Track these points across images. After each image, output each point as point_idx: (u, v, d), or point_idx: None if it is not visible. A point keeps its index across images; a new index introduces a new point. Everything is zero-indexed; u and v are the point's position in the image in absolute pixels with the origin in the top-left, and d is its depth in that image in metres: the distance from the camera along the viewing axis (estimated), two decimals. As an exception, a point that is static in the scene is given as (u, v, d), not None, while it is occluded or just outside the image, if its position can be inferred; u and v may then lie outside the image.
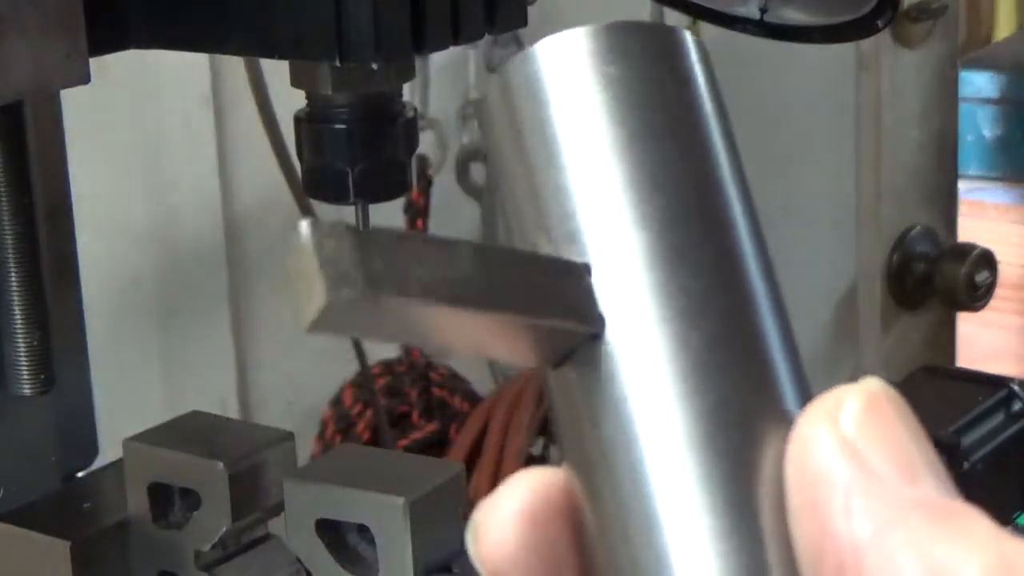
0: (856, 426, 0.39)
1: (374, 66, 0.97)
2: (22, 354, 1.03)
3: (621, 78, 0.43)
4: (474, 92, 2.22)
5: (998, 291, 2.37)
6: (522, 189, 0.43)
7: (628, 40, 0.44)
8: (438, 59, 2.05)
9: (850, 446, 0.39)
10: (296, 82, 1.04)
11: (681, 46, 0.44)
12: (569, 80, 0.43)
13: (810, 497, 0.39)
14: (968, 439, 1.33)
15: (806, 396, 0.42)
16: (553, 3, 2.17)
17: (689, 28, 2.04)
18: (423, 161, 2.06)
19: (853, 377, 0.41)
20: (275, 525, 1.06)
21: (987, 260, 2.34)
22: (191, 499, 1.03)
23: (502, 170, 0.44)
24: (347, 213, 1.03)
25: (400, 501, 0.96)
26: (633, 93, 0.43)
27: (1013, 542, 0.37)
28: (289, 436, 1.07)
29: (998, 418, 1.38)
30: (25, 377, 1.03)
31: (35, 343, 1.03)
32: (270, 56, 1.02)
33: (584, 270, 0.41)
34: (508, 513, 0.41)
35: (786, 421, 0.41)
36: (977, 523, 0.38)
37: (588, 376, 0.41)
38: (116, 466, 1.08)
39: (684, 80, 0.43)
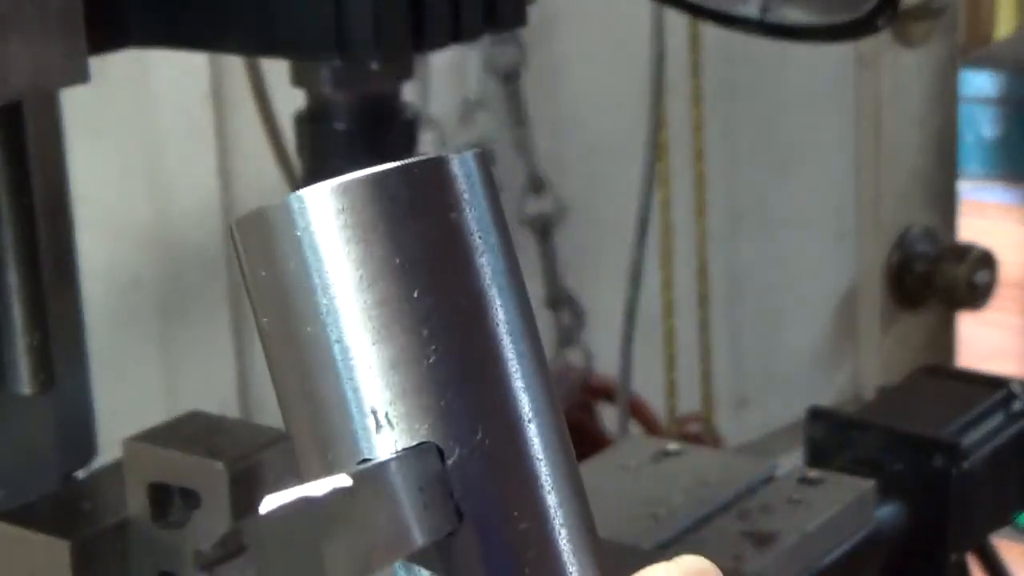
0: None
1: (374, 66, 0.97)
2: (22, 354, 1.03)
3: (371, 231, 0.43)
4: (474, 92, 2.22)
5: (998, 291, 2.37)
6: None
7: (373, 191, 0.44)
8: (438, 59, 2.05)
9: None
10: (296, 81, 1.04)
11: (449, 178, 0.44)
12: (322, 240, 0.43)
13: None
14: (968, 439, 1.33)
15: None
16: (553, 3, 2.18)
17: (690, 28, 2.02)
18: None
19: (853, 377, 0.41)
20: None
21: (987, 260, 2.35)
22: (191, 499, 1.03)
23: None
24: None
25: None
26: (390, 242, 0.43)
27: None
28: (289, 436, 1.07)
29: (998, 418, 1.38)
30: (25, 377, 1.03)
31: (35, 343, 1.03)
32: (270, 56, 1.02)
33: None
34: None
35: None
36: None
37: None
38: (116, 466, 1.08)
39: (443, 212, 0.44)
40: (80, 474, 1.16)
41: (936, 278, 2.34)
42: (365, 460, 0.42)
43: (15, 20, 0.90)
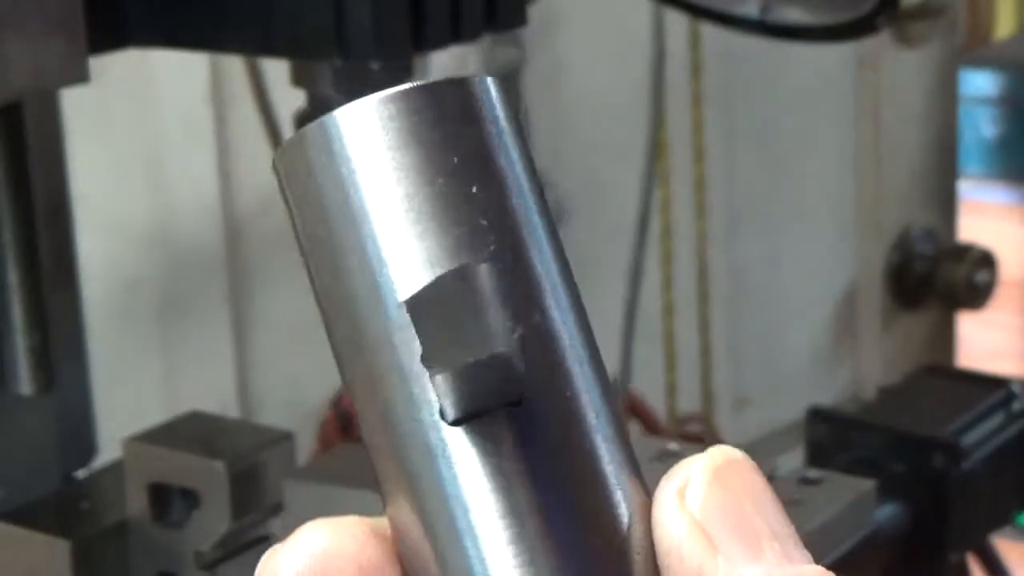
0: (702, 505, 0.41)
1: (374, 66, 0.97)
2: (22, 354, 1.03)
3: (418, 140, 0.44)
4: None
5: (998, 291, 2.37)
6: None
7: (419, 101, 0.44)
8: (438, 59, 2.05)
9: (696, 527, 0.41)
10: (296, 81, 1.04)
11: (476, 95, 0.45)
12: (369, 149, 0.43)
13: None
14: (968, 439, 1.33)
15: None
16: (553, 3, 2.18)
17: (690, 28, 2.02)
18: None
19: (853, 377, 0.41)
20: (275, 525, 1.06)
21: (987, 260, 2.35)
22: (191, 499, 1.03)
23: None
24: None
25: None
26: (440, 150, 0.43)
27: None
28: (289, 436, 1.07)
29: (998, 418, 1.38)
30: (25, 377, 1.03)
31: (35, 343, 1.03)
32: (270, 55, 1.02)
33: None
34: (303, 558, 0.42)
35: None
36: None
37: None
38: (116, 466, 1.08)
39: (485, 126, 0.44)
40: (80, 474, 1.16)
41: (936, 278, 2.34)
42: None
43: (15, 20, 0.90)
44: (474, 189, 0.43)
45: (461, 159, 0.43)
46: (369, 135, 0.43)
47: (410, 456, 0.42)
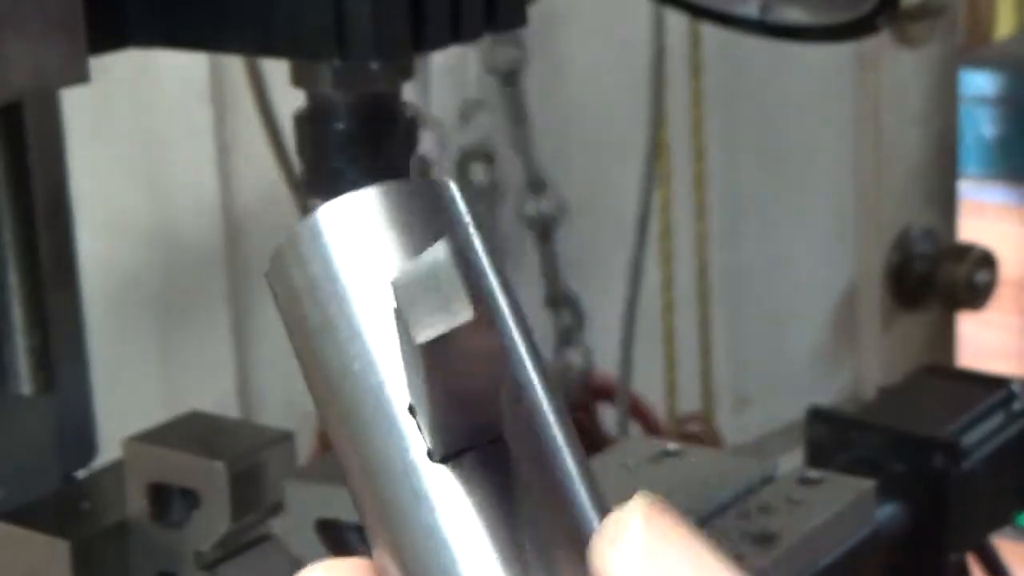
0: (644, 555, 0.41)
1: (374, 66, 0.97)
2: (22, 354, 1.03)
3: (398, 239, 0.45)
4: (474, 92, 2.22)
5: (998, 291, 2.37)
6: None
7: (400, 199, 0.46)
8: (438, 59, 2.05)
9: None
10: (296, 81, 1.04)
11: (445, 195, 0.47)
12: (353, 247, 0.45)
13: None
14: (968, 439, 1.33)
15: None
16: (553, 3, 2.17)
17: (690, 28, 2.03)
18: (423, 161, 2.06)
19: (853, 377, 0.41)
20: (275, 525, 1.06)
21: (987, 260, 2.35)
22: (191, 499, 1.03)
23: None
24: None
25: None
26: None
27: None
28: (289, 436, 1.07)
29: (998, 418, 1.38)
30: (25, 377, 1.03)
31: (35, 343, 1.03)
32: (270, 55, 1.02)
33: None
34: None
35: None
36: None
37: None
38: (116, 466, 1.08)
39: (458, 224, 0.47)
40: (80, 474, 1.16)
41: (936, 278, 2.34)
42: None
43: (15, 20, 0.90)
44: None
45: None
46: (360, 227, 0.45)
47: (397, 495, 0.43)
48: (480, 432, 0.43)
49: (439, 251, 0.40)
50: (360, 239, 0.45)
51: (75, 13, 0.93)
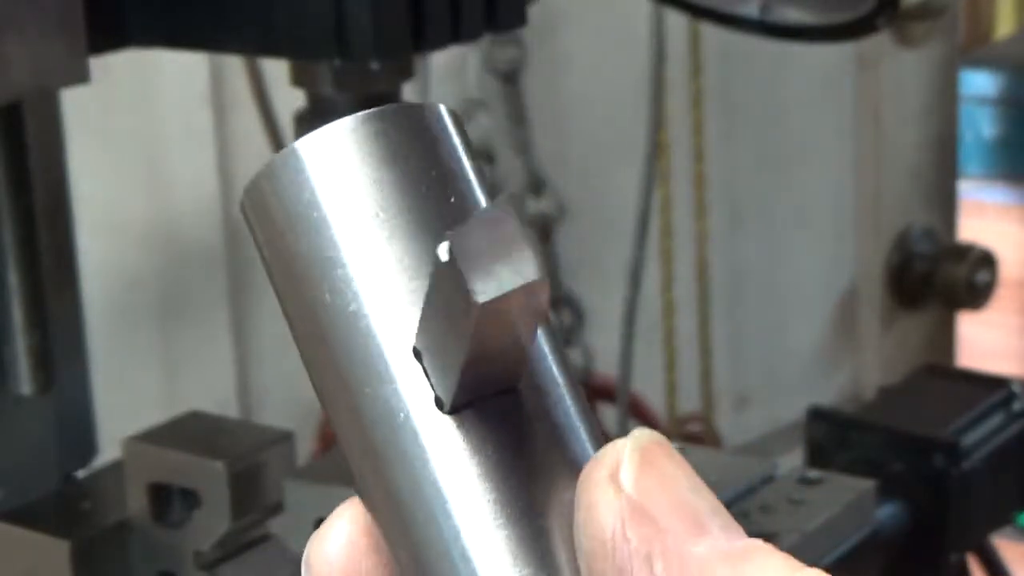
0: (637, 486, 0.39)
1: (374, 66, 0.97)
2: (22, 354, 1.03)
3: (382, 160, 0.43)
4: (474, 92, 2.22)
5: (998, 291, 2.37)
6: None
7: (383, 125, 0.44)
8: (438, 59, 2.05)
9: (636, 508, 0.39)
10: (296, 81, 1.04)
11: (433, 119, 0.45)
12: (337, 177, 0.43)
13: (609, 565, 0.39)
14: (968, 439, 1.33)
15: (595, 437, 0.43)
16: (553, 3, 2.18)
17: (690, 28, 2.03)
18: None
19: (853, 377, 0.41)
20: (275, 525, 1.06)
21: (987, 260, 2.35)
22: (191, 499, 1.03)
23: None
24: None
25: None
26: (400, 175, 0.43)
27: (806, 571, 0.39)
28: (289, 436, 1.07)
29: (998, 418, 1.38)
30: (25, 377, 1.03)
31: (35, 343, 1.03)
32: (270, 56, 1.02)
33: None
34: (337, 546, 0.43)
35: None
36: (770, 558, 0.39)
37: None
38: (116, 466, 1.08)
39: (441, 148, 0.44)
40: (80, 474, 1.16)
41: (936, 278, 2.34)
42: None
43: (15, 20, 0.90)
44: (452, 199, 0.43)
45: (437, 175, 0.43)
46: (342, 157, 0.43)
47: (396, 443, 0.42)
48: (495, 383, 0.41)
49: (500, 204, 0.38)
50: (341, 168, 0.43)
51: (75, 13, 0.93)
